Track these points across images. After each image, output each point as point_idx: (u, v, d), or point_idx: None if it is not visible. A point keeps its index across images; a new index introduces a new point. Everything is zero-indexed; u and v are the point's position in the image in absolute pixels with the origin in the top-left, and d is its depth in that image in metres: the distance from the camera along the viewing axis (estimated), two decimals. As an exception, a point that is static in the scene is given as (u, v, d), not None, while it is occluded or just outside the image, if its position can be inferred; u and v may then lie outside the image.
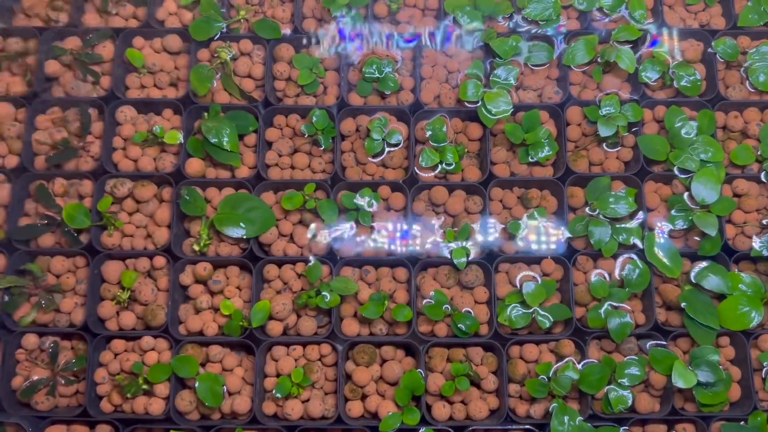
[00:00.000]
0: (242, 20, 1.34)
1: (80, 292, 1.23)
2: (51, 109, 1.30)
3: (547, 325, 1.18)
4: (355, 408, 1.17)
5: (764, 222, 1.24)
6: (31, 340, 1.20)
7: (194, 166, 1.26)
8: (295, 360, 1.20)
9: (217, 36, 1.32)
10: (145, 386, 1.16)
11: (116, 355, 1.20)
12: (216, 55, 1.31)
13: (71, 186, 1.26)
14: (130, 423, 1.17)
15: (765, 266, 1.23)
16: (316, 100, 1.32)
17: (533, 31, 1.34)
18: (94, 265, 1.22)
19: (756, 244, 1.23)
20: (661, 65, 1.30)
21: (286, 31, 1.34)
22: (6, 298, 1.20)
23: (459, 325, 1.18)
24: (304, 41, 1.34)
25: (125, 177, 1.25)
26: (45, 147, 1.28)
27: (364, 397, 1.19)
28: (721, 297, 1.21)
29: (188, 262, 1.23)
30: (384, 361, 1.21)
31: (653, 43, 1.33)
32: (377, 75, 1.29)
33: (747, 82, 1.32)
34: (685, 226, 1.23)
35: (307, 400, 1.18)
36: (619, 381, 1.16)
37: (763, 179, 1.27)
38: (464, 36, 1.33)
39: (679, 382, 1.13)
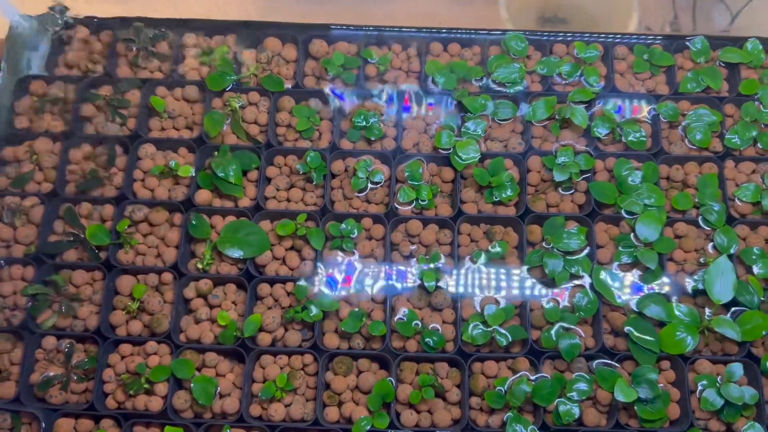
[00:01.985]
0: (252, 75, 1.56)
1: (96, 301, 1.39)
2: (83, 145, 1.51)
3: (505, 343, 1.33)
4: (332, 413, 1.31)
5: (701, 260, 1.40)
6: (50, 341, 1.36)
7: (203, 196, 1.45)
8: (281, 368, 1.34)
9: (230, 87, 1.54)
10: (146, 385, 1.31)
11: (123, 357, 1.35)
12: (227, 103, 1.52)
13: (95, 210, 1.45)
14: (130, 417, 1.31)
15: (702, 299, 1.39)
16: (311, 143, 1.52)
17: (496, 89, 1.55)
18: (110, 278, 1.39)
19: (690, 282, 1.39)
20: (611, 123, 1.50)
21: (289, 85, 1.56)
22: (32, 303, 1.37)
23: (427, 340, 1.33)
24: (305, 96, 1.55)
25: (142, 203, 1.44)
26: (76, 176, 1.48)
27: (340, 404, 1.33)
28: (662, 324, 1.35)
29: (192, 279, 1.40)
30: (360, 372, 1.35)
31: (604, 103, 1.53)
32: (365, 124, 1.50)
33: (686, 139, 1.51)
34: (630, 261, 1.40)
35: (290, 404, 1.32)
36: (568, 395, 1.29)
37: (701, 223, 1.44)
38: (441, 94, 1.54)
39: (620, 397, 1.26)
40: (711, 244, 1.42)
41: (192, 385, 1.30)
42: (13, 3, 1.58)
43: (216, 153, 1.47)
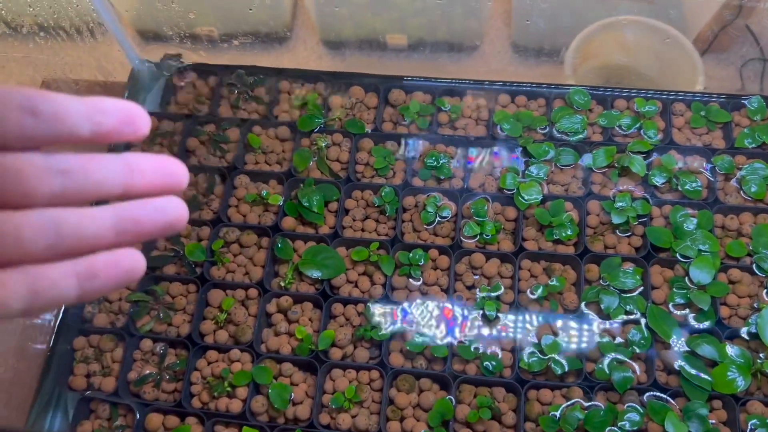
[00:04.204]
0: (337, 119, 1.75)
1: (189, 311, 1.56)
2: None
3: (560, 372, 1.41)
4: (393, 426, 1.41)
5: (755, 305, 1.46)
6: (147, 343, 1.52)
7: (288, 222, 1.61)
8: (349, 381, 1.46)
9: (317, 129, 1.73)
10: (228, 389, 1.45)
11: (209, 362, 1.50)
12: (314, 143, 1.71)
13: (194, 230, 1.64)
14: (212, 417, 1.44)
15: (755, 344, 1.44)
16: (386, 180, 1.67)
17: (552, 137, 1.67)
18: (203, 291, 1.56)
19: (743, 326, 1.44)
20: (668, 172, 1.60)
21: (369, 129, 1.73)
22: (133, 309, 1.55)
23: (486, 364, 1.43)
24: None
25: (235, 227, 1.62)
26: (178, 200, 1.67)
27: (402, 419, 1.43)
28: (714, 364, 1.41)
29: (274, 295, 1.55)
30: (422, 390, 1.45)
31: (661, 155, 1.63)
32: (435, 164, 1.64)
33: (741, 191, 1.58)
34: (683, 302, 1.47)
35: (356, 416, 1.43)
36: (619, 425, 1.36)
37: (755, 270, 1.50)
38: (506, 140, 1.68)
39: (671, 429, 1.32)
40: (765, 290, 1.48)
41: (269, 391, 1.43)
42: (136, 50, 1.84)
43: (302, 185, 1.64)
